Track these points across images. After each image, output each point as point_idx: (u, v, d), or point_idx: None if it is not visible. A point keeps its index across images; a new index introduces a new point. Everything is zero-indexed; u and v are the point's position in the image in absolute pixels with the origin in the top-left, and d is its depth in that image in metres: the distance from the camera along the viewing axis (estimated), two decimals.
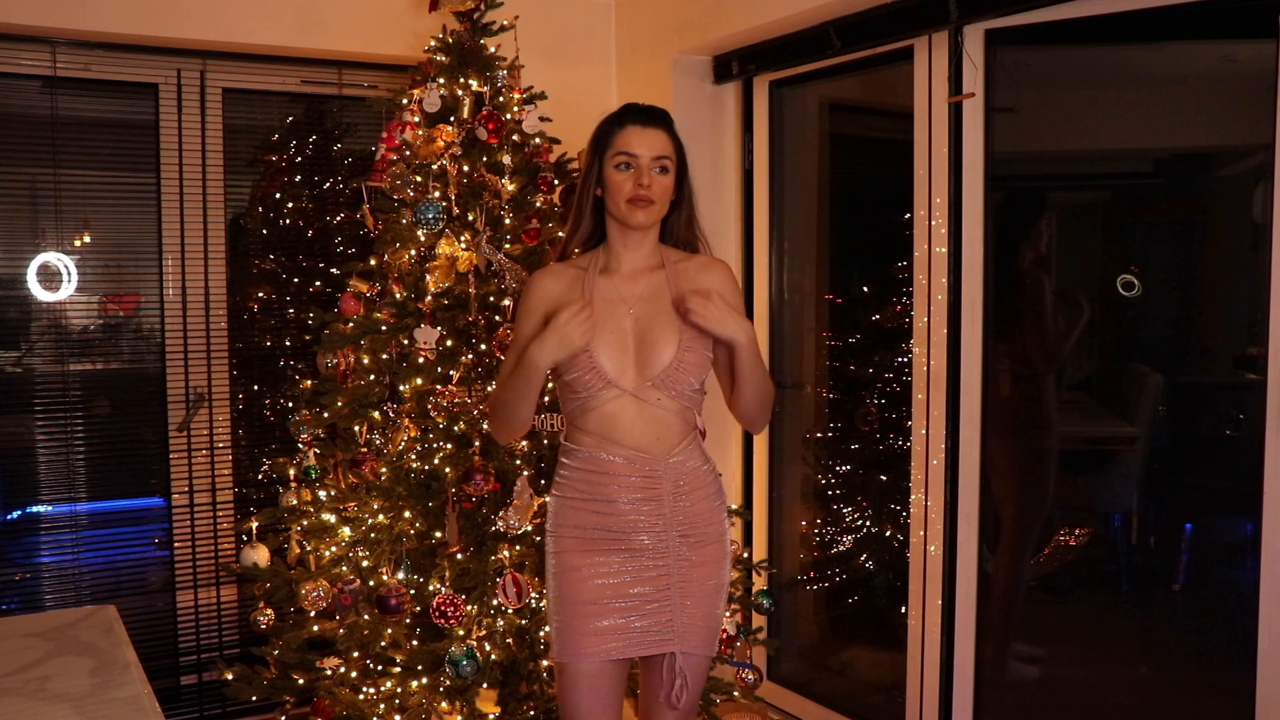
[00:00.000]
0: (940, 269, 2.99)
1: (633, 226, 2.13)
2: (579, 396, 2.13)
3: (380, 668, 2.80)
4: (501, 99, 2.95)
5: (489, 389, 2.79)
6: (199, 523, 3.63)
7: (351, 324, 2.93)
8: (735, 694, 3.01)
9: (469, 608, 2.64)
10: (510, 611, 2.68)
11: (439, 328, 2.79)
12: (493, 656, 2.64)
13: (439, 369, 2.78)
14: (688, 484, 2.15)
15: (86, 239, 3.51)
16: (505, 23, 3.02)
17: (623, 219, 2.13)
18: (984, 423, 2.96)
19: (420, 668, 2.72)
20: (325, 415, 2.97)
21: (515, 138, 2.95)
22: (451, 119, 2.92)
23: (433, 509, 2.77)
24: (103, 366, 3.60)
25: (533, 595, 2.67)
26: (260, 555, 3.03)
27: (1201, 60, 2.86)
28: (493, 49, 3.00)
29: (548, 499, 2.23)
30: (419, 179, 2.86)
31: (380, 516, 2.82)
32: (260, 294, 3.77)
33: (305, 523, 2.97)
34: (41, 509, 3.49)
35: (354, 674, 2.81)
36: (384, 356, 2.88)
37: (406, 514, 2.78)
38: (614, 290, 2.15)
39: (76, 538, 3.50)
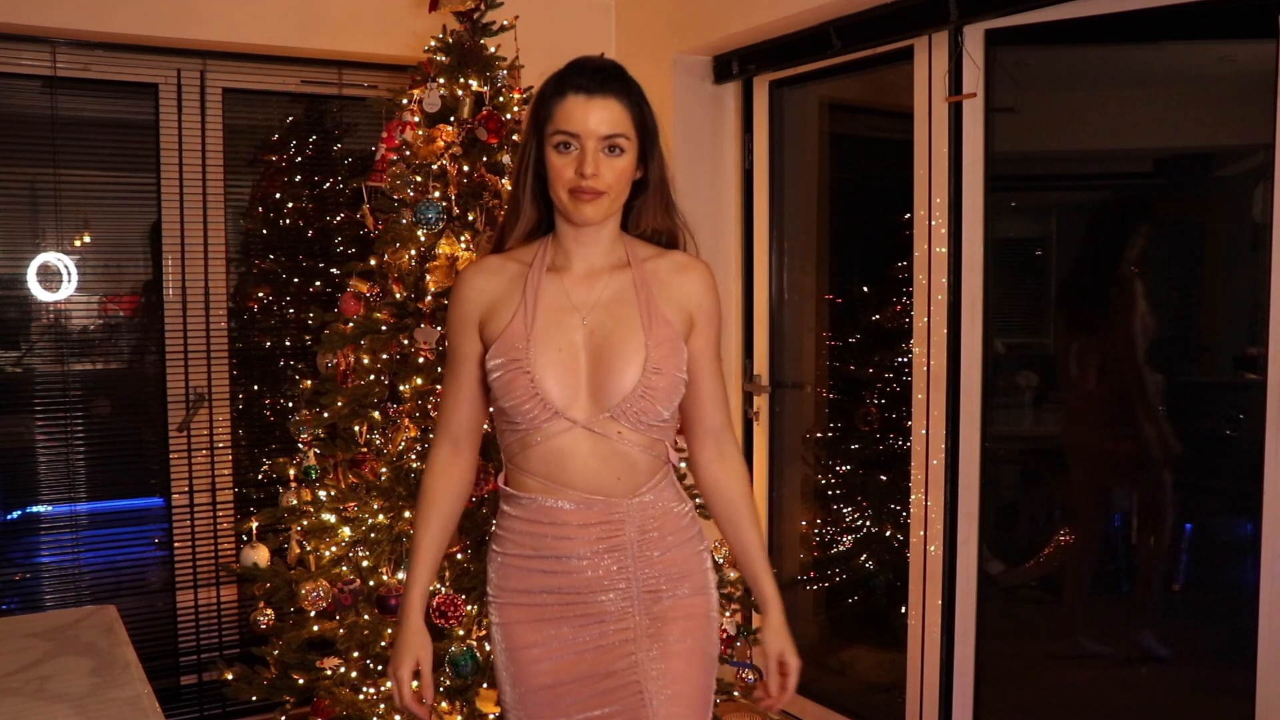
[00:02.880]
0: (940, 269, 2.99)
1: (576, 223, 1.73)
2: (518, 429, 1.73)
3: (380, 668, 2.80)
4: (501, 99, 2.95)
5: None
6: (199, 523, 3.63)
7: (351, 324, 2.93)
8: (735, 694, 3.01)
9: (469, 608, 2.64)
10: None
11: (439, 328, 2.79)
12: (492, 657, 2.63)
13: (439, 369, 2.78)
14: (657, 528, 1.76)
15: (86, 239, 3.52)
16: (505, 23, 3.02)
17: (566, 213, 1.73)
18: (984, 423, 2.96)
19: None
20: (325, 415, 2.97)
21: (515, 138, 2.95)
22: (451, 119, 2.92)
23: None
24: (103, 366, 3.60)
25: None
26: (260, 555, 3.03)
27: (1201, 60, 2.86)
28: (493, 49, 3.00)
29: (490, 552, 1.85)
30: (419, 179, 2.86)
31: (380, 516, 2.82)
32: (260, 294, 3.77)
33: (305, 523, 2.97)
34: (41, 509, 3.49)
35: (354, 674, 2.81)
36: (384, 356, 2.88)
37: (406, 514, 2.78)
38: (563, 294, 1.74)
39: (76, 538, 3.50)
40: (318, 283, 3.81)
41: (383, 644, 2.77)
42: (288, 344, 3.79)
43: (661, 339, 1.72)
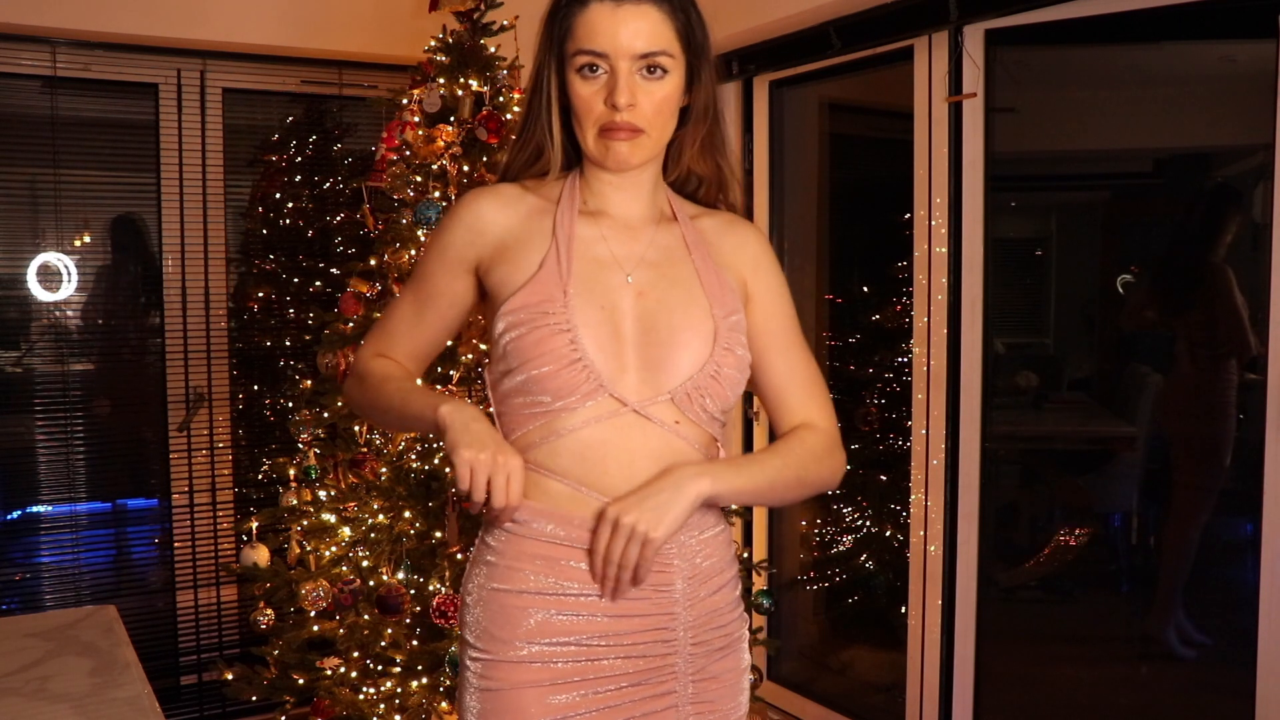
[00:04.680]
0: (940, 269, 2.99)
1: (610, 169, 1.38)
2: (544, 409, 1.33)
3: (380, 668, 2.80)
4: (501, 99, 2.95)
5: (488, 392, 2.78)
6: (199, 523, 3.64)
7: (351, 324, 2.93)
8: None
9: None
10: None
11: None
12: None
13: (439, 369, 2.78)
14: (708, 561, 1.39)
15: (86, 239, 3.52)
16: (505, 23, 3.02)
17: (595, 157, 1.38)
18: (984, 423, 2.96)
19: (420, 668, 2.72)
20: (325, 415, 2.97)
21: (514, 138, 2.94)
22: (451, 119, 2.92)
23: (433, 509, 2.77)
24: (103, 366, 3.61)
25: None
26: (260, 555, 3.03)
27: (1201, 60, 2.86)
28: (493, 49, 3.00)
29: (472, 586, 1.39)
30: (419, 179, 2.87)
31: (380, 516, 2.82)
32: (260, 294, 3.77)
33: (305, 523, 2.97)
34: (41, 509, 3.49)
35: (354, 674, 2.81)
36: None
37: (406, 514, 2.78)
38: (601, 242, 1.38)
39: (76, 538, 3.50)
40: (318, 283, 3.81)
41: (382, 644, 2.77)
42: (288, 344, 3.79)
43: (730, 309, 1.39)
